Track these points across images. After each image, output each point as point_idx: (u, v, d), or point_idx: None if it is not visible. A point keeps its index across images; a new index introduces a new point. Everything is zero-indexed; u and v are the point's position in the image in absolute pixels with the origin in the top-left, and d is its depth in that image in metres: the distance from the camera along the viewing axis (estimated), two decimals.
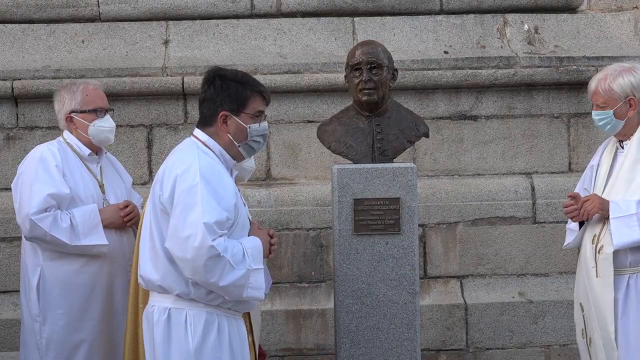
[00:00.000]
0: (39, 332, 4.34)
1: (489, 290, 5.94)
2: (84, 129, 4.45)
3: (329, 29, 6.20)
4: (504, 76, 6.01)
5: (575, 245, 4.53)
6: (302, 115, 6.04)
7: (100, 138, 4.48)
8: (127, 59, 6.03)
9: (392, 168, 4.58)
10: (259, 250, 3.62)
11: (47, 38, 6.09)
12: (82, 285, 4.34)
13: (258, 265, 3.58)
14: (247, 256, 3.55)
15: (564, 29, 6.30)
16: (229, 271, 3.47)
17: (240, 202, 3.68)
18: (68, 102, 4.46)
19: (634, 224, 4.16)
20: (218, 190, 3.52)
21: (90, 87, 4.50)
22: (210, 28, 6.16)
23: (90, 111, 4.45)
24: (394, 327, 4.58)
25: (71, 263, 4.33)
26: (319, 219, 5.84)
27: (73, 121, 4.46)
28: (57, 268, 4.33)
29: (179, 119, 5.99)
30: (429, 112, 6.03)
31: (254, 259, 3.57)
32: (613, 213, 4.20)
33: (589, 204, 4.27)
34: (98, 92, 4.52)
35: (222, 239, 3.46)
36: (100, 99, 4.51)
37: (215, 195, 3.49)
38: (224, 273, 3.46)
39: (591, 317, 4.32)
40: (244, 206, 3.72)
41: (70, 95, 4.46)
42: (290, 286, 5.87)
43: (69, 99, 4.46)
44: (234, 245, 3.51)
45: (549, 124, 6.13)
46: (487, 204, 5.95)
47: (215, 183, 3.54)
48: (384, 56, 4.63)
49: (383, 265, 4.57)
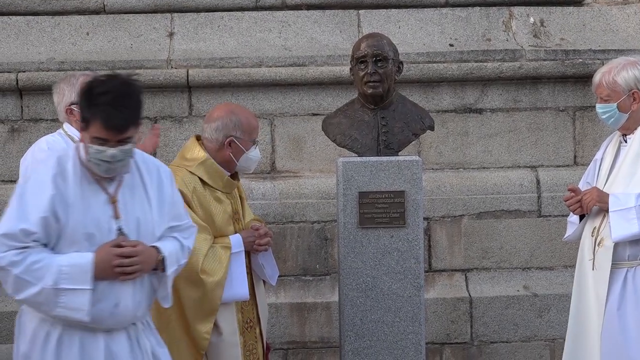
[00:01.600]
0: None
1: (493, 283, 5.94)
2: None
3: (334, 21, 6.19)
4: (510, 69, 6.00)
5: (575, 239, 4.53)
6: (307, 108, 6.04)
7: None
8: (131, 51, 6.03)
9: (397, 161, 4.58)
10: (84, 270, 3.26)
11: (52, 30, 6.09)
12: None
13: (71, 285, 3.24)
14: (54, 273, 3.23)
15: (569, 22, 6.29)
16: (24, 286, 3.24)
17: (76, 215, 3.31)
18: (67, 94, 4.46)
19: (632, 217, 4.15)
20: (27, 197, 3.29)
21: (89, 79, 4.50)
22: (215, 20, 6.16)
23: None
24: (399, 321, 4.58)
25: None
26: (323, 212, 5.84)
27: (73, 113, 4.47)
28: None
29: (183, 111, 5.99)
30: (434, 105, 6.02)
31: (70, 278, 3.24)
32: (612, 206, 4.20)
33: (588, 197, 4.27)
34: None
35: (12, 253, 3.22)
36: None
37: (21, 201, 3.29)
38: (19, 287, 3.25)
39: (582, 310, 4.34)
40: (83, 219, 3.32)
41: (69, 87, 4.46)
42: (294, 279, 5.87)
43: (69, 91, 4.46)
44: (39, 260, 3.24)
45: (554, 117, 6.13)
46: (492, 197, 5.95)
47: (31, 187, 3.31)
48: (389, 49, 4.62)
49: (388, 259, 4.57)
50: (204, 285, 4.06)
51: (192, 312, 4.09)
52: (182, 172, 4.15)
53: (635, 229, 4.16)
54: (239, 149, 4.24)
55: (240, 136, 4.23)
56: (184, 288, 4.03)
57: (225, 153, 4.23)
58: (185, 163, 4.22)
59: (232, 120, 4.23)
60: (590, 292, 4.31)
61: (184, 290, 4.04)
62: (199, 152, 4.23)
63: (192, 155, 4.24)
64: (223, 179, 4.24)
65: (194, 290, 4.07)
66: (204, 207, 4.16)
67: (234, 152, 4.24)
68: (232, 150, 4.23)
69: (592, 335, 4.31)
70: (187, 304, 4.08)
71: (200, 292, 4.07)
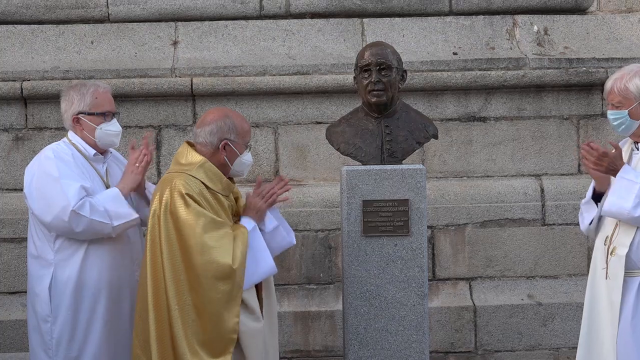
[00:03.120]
0: (50, 332, 4.37)
1: (497, 292, 5.94)
2: (91, 131, 4.46)
3: (338, 30, 6.21)
4: (513, 77, 6.01)
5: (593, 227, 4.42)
6: (310, 116, 6.05)
7: (106, 142, 4.50)
8: (136, 59, 6.05)
9: (401, 170, 4.58)
10: None
11: (56, 39, 6.11)
12: (92, 284, 4.37)
13: None
14: None
15: (573, 31, 6.30)
16: None
17: None
18: (77, 102, 4.47)
19: (632, 193, 4.11)
20: None
21: (100, 90, 4.51)
22: (219, 29, 6.18)
23: (98, 114, 4.46)
24: (403, 329, 4.58)
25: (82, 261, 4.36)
26: (327, 220, 5.85)
27: (80, 122, 4.48)
28: (69, 267, 4.35)
29: (187, 120, 6.00)
30: (438, 114, 6.03)
31: None
32: (622, 172, 4.18)
33: (611, 155, 4.24)
34: (107, 96, 4.53)
35: None
36: (109, 103, 4.53)
37: None
38: None
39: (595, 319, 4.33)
40: None
41: (79, 96, 4.47)
42: (298, 288, 5.88)
43: (78, 100, 4.47)
44: None
45: (558, 126, 6.13)
46: (496, 205, 5.96)
47: None
48: (393, 57, 4.62)
49: (392, 267, 4.57)
50: (235, 275, 4.05)
51: (222, 304, 4.06)
52: (183, 177, 4.12)
53: (628, 205, 4.11)
54: (233, 152, 4.21)
55: (234, 139, 4.20)
56: (212, 287, 4.03)
57: (219, 157, 4.20)
58: (184, 168, 4.18)
59: (226, 124, 4.20)
60: (603, 301, 4.29)
61: (213, 290, 4.04)
62: (195, 156, 4.19)
63: (188, 160, 4.19)
64: (222, 181, 4.21)
65: (226, 284, 4.05)
66: (213, 209, 4.15)
67: (229, 155, 4.21)
68: (227, 154, 4.20)
69: (606, 344, 4.29)
70: (218, 297, 4.05)
71: (231, 283, 4.06)
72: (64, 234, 4.34)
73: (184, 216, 4.03)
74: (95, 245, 4.37)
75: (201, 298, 4.02)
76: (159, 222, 4.06)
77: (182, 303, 4.02)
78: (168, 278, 4.03)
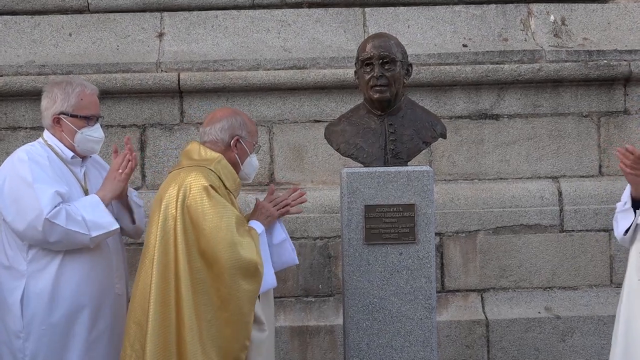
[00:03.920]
0: (22, 349, 4.35)
1: (512, 305, 5.94)
2: (71, 134, 4.45)
3: (338, 20, 6.21)
4: (528, 71, 6.01)
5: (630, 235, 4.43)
6: (308, 114, 6.05)
7: (86, 147, 4.49)
8: (118, 53, 6.05)
9: (406, 172, 4.58)
10: None
11: (32, 31, 6.11)
12: (69, 297, 4.35)
13: None
14: None
15: (593, 20, 6.30)
16: None
17: None
18: (60, 102, 4.45)
19: None
20: None
21: (87, 91, 4.49)
22: (209, 20, 6.18)
23: (82, 117, 4.45)
24: (409, 345, 4.57)
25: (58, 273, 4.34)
26: (326, 227, 5.85)
27: (60, 123, 4.46)
28: (43, 279, 4.33)
29: (174, 118, 6.00)
30: (446, 111, 6.04)
31: None
32: None
33: None
34: (94, 98, 4.52)
35: None
36: (95, 106, 4.52)
37: None
38: None
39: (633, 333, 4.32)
40: None
41: (64, 95, 4.45)
42: (295, 300, 5.87)
43: (62, 99, 4.45)
44: None
45: (577, 124, 6.13)
46: (510, 210, 5.95)
47: None
48: (397, 50, 4.63)
49: (397, 278, 4.57)
50: (259, 275, 4.20)
51: (245, 304, 4.17)
52: (203, 170, 4.25)
53: None
54: (244, 150, 4.41)
55: (245, 137, 4.41)
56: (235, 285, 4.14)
57: (231, 154, 4.38)
58: (200, 162, 4.31)
59: (237, 120, 4.41)
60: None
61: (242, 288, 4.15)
62: (211, 152, 4.35)
63: (203, 156, 4.34)
64: (236, 181, 4.39)
65: (250, 283, 4.17)
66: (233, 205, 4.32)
67: (240, 153, 4.40)
68: (238, 152, 4.39)
69: None
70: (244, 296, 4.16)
71: (255, 283, 4.19)
72: (38, 244, 4.32)
73: (207, 209, 4.14)
74: (72, 255, 4.35)
75: (224, 295, 4.12)
76: (175, 217, 4.14)
77: (197, 301, 4.10)
78: (183, 276, 4.10)
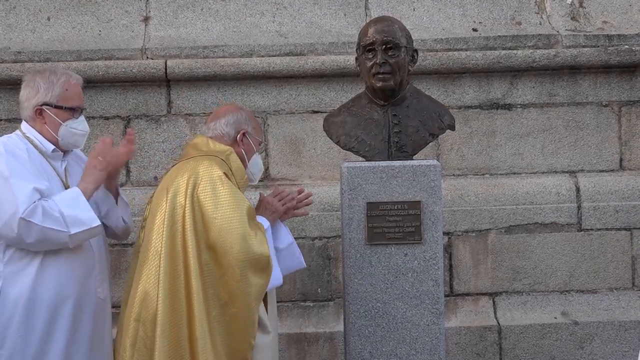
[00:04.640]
0: None
1: (526, 309, 5.94)
2: (54, 127, 4.45)
3: (337, 3, 6.21)
4: (544, 58, 6.01)
5: None
6: (305, 104, 6.05)
7: (70, 141, 4.50)
8: (100, 39, 6.04)
9: (411, 166, 4.58)
10: None
11: (6, 15, 6.11)
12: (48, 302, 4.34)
13: None
14: None
15: (613, 2, 6.32)
16: None
17: None
18: (43, 92, 4.45)
19: None
20: None
21: (72, 81, 4.51)
22: (198, 2, 6.18)
23: (66, 109, 4.46)
24: (415, 353, 4.58)
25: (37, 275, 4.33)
26: (326, 226, 5.86)
27: (42, 115, 4.46)
28: (20, 282, 4.33)
29: (160, 109, 6.00)
30: (455, 100, 6.04)
31: None
32: None
33: None
34: (78, 89, 4.54)
35: None
36: (79, 97, 4.54)
37: None
38: None
39: None
40: None
41: (47, 84, 4.45)
42: (292, 305, 5.88)
43: (45, 89, 4.45)
44: None
45: (596, 114, 6.13)
46: (524, 208, 5.95)
47: None
48: (401, 35, 4.63)
49: (401, 281, 4.57)
50: (269, 269, 4.29)
51: (257, 302, 4.27)
52: (214, 160, 4.35)
53: None
54: (250, 146, 4.54)
55: (251, 132, 4.55)
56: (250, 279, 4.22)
57: (237, 150, 4.49)
58: (210, 153, 4.41)
59: (242, 115, 4.56)
60: None
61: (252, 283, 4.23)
62: (221, 145, 4.46)
63: (211, 148, 4.45)
64: (243, 177, 4.51)
65: (260, 277, 4.26)
66: None
67: (246, 148, 4.53)
68: (245, 147, 4.52)
69: None
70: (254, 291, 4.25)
71: (265, 277, 4.28)
72: (14, 244, 4.31)
73: (222, 197, 4.23)
74: (52, 256, 4.34)
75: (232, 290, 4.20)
76: (184, 206, 4.21)
77: (207, 296, 4.18)
78: (193, 269, 4.17)
